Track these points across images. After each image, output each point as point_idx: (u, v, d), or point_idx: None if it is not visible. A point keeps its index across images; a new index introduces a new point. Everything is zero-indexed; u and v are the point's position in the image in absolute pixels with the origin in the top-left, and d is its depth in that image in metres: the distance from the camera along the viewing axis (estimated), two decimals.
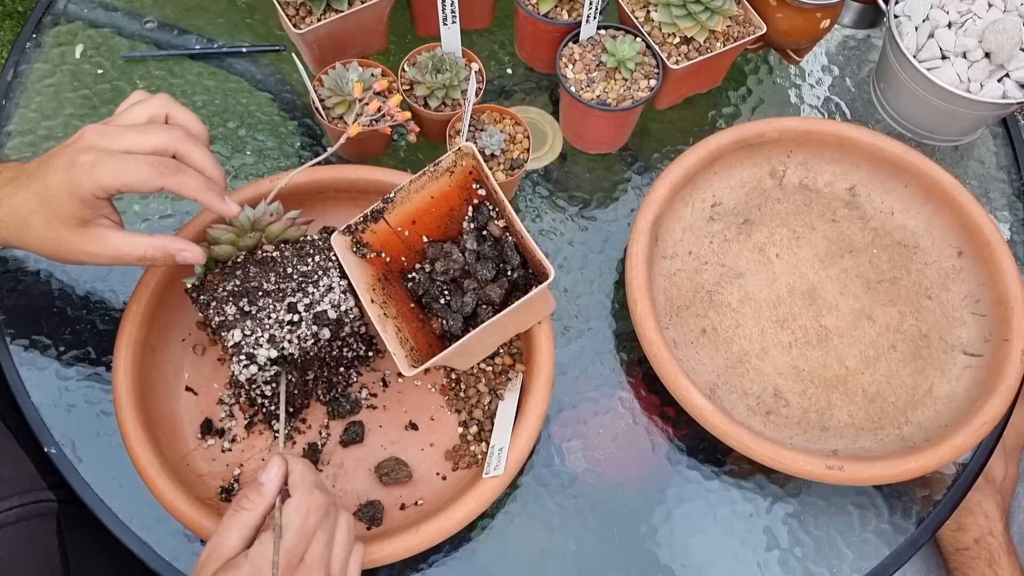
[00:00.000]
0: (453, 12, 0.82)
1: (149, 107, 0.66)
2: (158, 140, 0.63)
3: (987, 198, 0.96)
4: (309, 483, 0.62)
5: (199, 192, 0.63)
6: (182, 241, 0.65)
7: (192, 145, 0.64)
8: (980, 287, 0.85)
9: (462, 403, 0.79)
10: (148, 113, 0.65)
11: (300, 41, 0.87)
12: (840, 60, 1.03)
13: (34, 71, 0.95)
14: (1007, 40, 0.84)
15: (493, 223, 0.75)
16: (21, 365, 0.81)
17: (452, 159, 0.72)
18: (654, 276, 0.84)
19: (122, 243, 0.65)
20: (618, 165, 0.95)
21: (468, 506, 0.70)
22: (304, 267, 0.72)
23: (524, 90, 0.97)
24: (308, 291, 0.71)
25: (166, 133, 0.63)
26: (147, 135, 0.63)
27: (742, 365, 0.83)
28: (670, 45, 0.89)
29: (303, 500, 0.61)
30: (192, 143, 0.64)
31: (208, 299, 0.70)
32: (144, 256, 0.65)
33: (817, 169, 0.91)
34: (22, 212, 0.65)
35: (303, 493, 0.61)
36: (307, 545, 0.60)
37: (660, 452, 0.82)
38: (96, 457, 0.78)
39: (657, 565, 0.78)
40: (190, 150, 0.64)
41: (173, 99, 0.67)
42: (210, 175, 0.65)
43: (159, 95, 0.67)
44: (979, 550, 0.93)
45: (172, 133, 0.64)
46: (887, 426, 0.81)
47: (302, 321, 0.70)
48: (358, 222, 0.73)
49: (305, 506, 0.61)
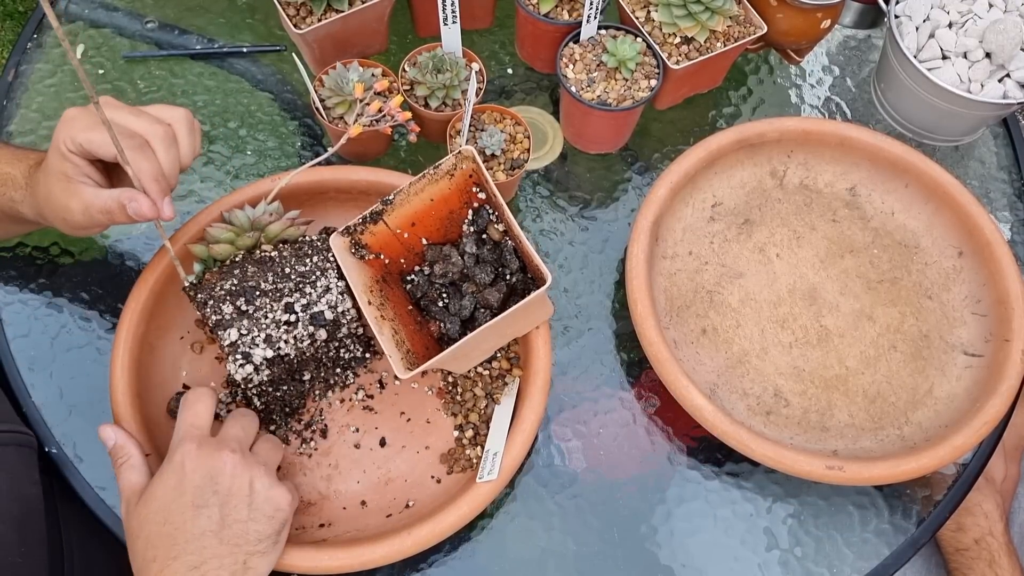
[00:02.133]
0: (453, 12, 0.82)
1: (160, 111, 0.69)
2: (139, 124, 0.66)
3: (987, 198, 0.96)
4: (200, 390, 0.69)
5: (146, 177, 0.65)
6: (133, 192, 0.66)
7: (164, 144, 0.67)
8: (981, 287, 0.84)
9: (458, 406, 0.79)
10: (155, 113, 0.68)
11: (301, 41, 0.87)
12: (841, 60, 1.03)
13: (35, 71, 0.95)
14: (1008, 40, 0.84)
15: (492, 227, 0.75)
16: (21, 365, 0.81)
17: (452, 162, 0.72)
18: (654, 276, 0.84)
19: (90, 194, 0.67)
20: (618, 165, 0.95)
21: (461, 510, 0.70)
22: (302, 267, 0.72)
23: (524, 90, 0.97)
24: (305, 291, 0.71)
25: (150, 124, 0.67)
26: (133, 116, 0.67)
27: (742, 365, 0.83)
28: (671, 45, 0.89)
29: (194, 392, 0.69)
30: (165, 143, 0.67)
31: (205, 298, 0.70)
32: (106, 207, 0.67)
33: (817, 169, 0.91)
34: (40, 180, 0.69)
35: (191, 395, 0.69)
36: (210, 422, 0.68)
37: (660, 452, 0.82)
38: (96, 457, 0.78)
39: (657, 565, 0.77)
40: (160, 148, 0.67)
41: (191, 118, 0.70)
42: (167, 173, 0.67)
43: (180, 110, 0.70)
44: (979, 550, 0.93)
45: (155, 127, 0.67)
46: (887, 426, 0.81)
47: (299, 321, 0.70)
48: (357, 223, 0.73)
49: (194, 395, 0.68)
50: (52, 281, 0.85)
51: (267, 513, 0.65)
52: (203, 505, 0.63)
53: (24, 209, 0.72)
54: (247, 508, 0.64)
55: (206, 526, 0.62)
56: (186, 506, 0.63)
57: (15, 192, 0.72)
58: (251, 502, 0.64)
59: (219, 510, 0.63)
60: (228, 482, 0.64)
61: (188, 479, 0.63)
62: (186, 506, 0.63)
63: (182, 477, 0.64)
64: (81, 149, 0.66)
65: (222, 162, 0.92)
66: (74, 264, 0.86)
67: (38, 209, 0.71)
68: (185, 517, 0.62)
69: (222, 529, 0.63)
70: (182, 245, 0.76)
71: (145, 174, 0.65)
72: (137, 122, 0.66)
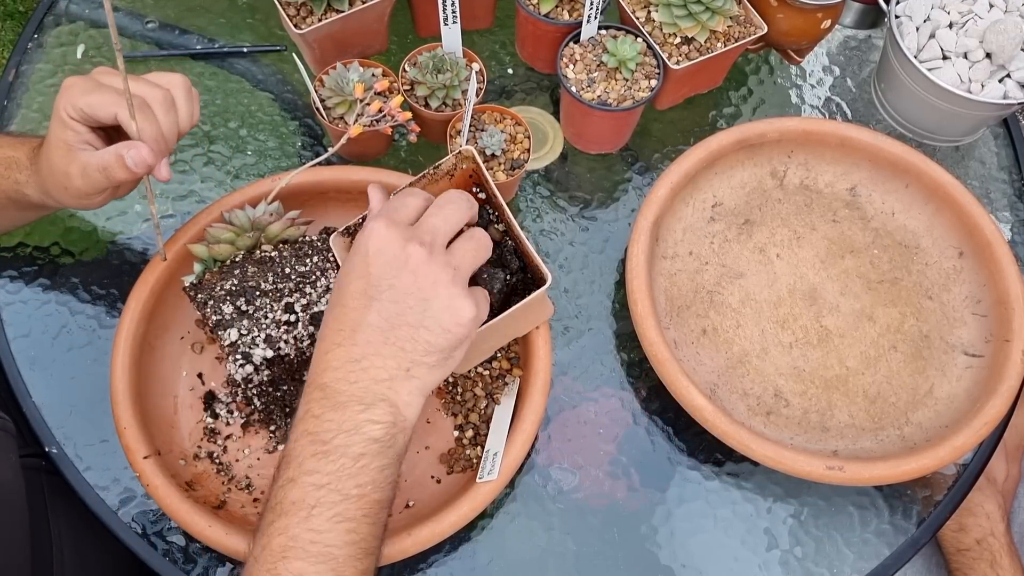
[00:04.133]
0: (454, 12, 0.82)
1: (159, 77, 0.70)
2: (138, 88, 0.67)
3: (988, 198, 0.96)
4: None
5: (147, 137, 0.66)
6: (130, 142, 0.66)
7: (163, 108, 0.67)
8: (981, 287, 0.84)
9: (459, 407, 0.79)
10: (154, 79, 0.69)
11: (301, 41, 0.88)
12: (841, 60, 1.03)
13: (36, 71, 0.95)
14: (1008, 40, 0.84)
15: (493, 227, 0.75)
16: (22, 365, 0.81)
17: (452, 162, 0.72)
18: (655, 276, 0.84)
19: (87, 154, 0.67)
20: (619, 165, 0.95)
21: (461, 510, 0.70)
22: (302, 267, 0.72)
23: (525, 90, 0.97)
24: (305, 291, 0.71)
25: (150, 88, 0.67)
26: (132, 80, 0.67)
27: (742, 365, 0.83)
28: (671, 45, 0.89)
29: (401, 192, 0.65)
30: (164, 107, 0.67)
31: (206, 298, 0.70)
32: (102, 163, 0.67)
33: (818, 169, 0.91)
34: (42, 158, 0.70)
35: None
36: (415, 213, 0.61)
37: (660, 452, 0.82)
38: (96, 457, 0.78)
39: (657, 565, 0.77)
40: (159, 111, 0.67)
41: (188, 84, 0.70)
42: (166, 135, 0.67)
43: (177, 75, 0.70)
44: (981, 551, 0.93)
45: (154, 91, 0.67)
46: (888, 427, 0.80)
47: (299, 321, 0.70)
48: (356, 223, 0.73)
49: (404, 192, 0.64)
50: (52, 281, 0.85)
51: (443, 324, 0.58)
52: (375, 297, 0.58)
53: (29, 191, 0.72)
54: (421, 313, 0.58)
55: (374, 321, 0.58)
56: (359, 293, 0.58)
57: (19, 174, 0.72)
58: (427, 308, 0.58)
59: (392, 306, 0.58)
60: (408, 279, 0.58)
61: (369, 263, 0.58)
62: (359, 293, 0.58)
63: (364, 258, 0.58)
64: (82, 114, 0.66)
65: (222, 162, 0.92)
66: (74, 264, 0.86)
67: (42, 186, 0.71)
68: (357, 304, 0.58)
69: (391, 329, 0.58)
70: (182, 245, 0.76)
71: (146, 134, 0.65)
72: (136, 86, 0.67)
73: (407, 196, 0.62)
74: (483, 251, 0.62)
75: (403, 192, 0.64)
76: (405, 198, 0.62)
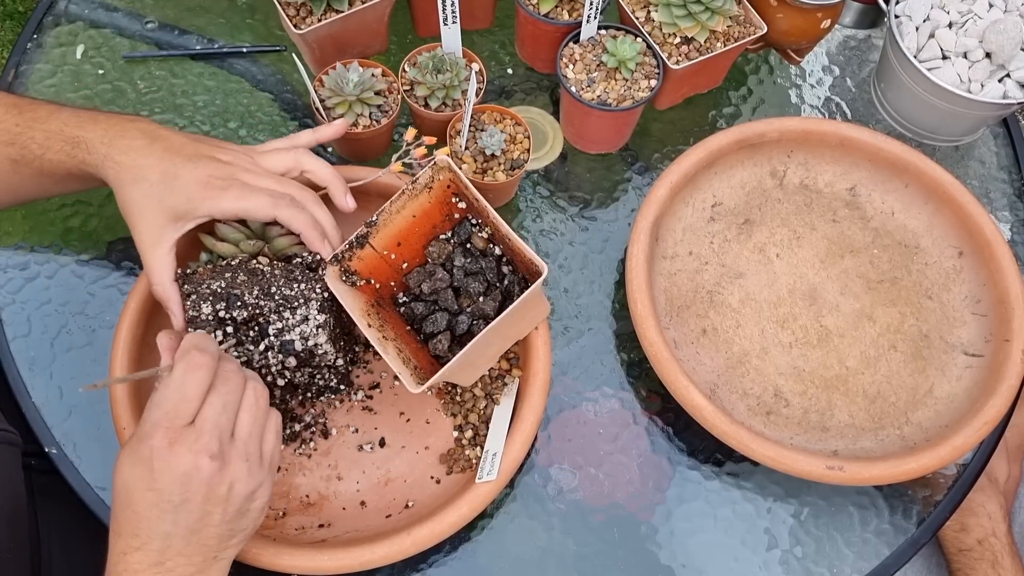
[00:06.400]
0: (453, 12, 0.82)
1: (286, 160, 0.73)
2: (285, 188, 0.71)
3: (988, 198, 0.96)
4: (190, 346, 0.61)
5: (304, 226, 0.70)
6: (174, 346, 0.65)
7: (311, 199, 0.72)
8: (981, 287, 0.84)
9: (458, 407, 0.79)
10: (285, 166, 0.73)
11: (301, 41, 0.88)
12: (841, 60, 1.03)
13: (35, 72, 0.95)
14: (1008, 40, 0.84)
15: (476, 236, 0.75)
16: (22, 365, 0.81)
17: (429, 175, 0.72)
18: (654, 276, 0.84)
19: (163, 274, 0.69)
20: (618, 165, 0.95)
21: (460, 511, 0.70)
22: (288, 291, 0.70)
23: (524, 90, 0.97)
24: (284, 316, 0.69)
25: (294, 188, 0.71)
26: (280, 184, 0.71)
27: (742, 365, 0.83)
28: (671, 45, 0.89)
29: (181, 362, 0.60)
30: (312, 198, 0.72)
31: (191, 291, 0.69)
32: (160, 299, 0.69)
33: (817, 169, 0.91)
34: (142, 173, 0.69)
35: (182, 355, 0.60)
36: (193, 407, 0.59)
37: (660, 452, 0.82)
38: (96, 457, 0.78)
39: (657, 565, 0.77)
40: (307, 200, 0.72)
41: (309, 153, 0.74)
42: (320, 220, 0.71)
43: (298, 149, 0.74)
44: (982, 551, 0.93)
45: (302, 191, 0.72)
46: (887, 426, 0.80)
47: (269, 349, 0.69)
48: (344, 250, 0.72)
49: (182, 367, 0.59)
50: (52, 281, 0.85)
51: (252, 517, 0.61)
52: (168, 511, 0.58)
53: (102, 173, 0.70)
54: (221, 514, 0.59)
55: (172, 530, 0.58)
56: (151, 503, 0.58)
57: (88, 156, 0.69)
58: (226, 508, 0.59)
59: (189, 516, 0.58)
60: (202, 491, 0.58)
61: (155, 478, 0.57)
62: (151, 503, 0.58)
63: (149, 473, 0.57)
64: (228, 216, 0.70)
65: None
66: (74, 264, 0.86)
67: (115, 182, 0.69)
68: (150, 514, 0.58)
69: (191, 533, 0.58)
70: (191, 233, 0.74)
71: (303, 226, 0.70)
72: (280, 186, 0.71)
73: (187, 373, 0.59)
74: (261, 413, 0.62)
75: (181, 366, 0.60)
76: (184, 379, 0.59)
